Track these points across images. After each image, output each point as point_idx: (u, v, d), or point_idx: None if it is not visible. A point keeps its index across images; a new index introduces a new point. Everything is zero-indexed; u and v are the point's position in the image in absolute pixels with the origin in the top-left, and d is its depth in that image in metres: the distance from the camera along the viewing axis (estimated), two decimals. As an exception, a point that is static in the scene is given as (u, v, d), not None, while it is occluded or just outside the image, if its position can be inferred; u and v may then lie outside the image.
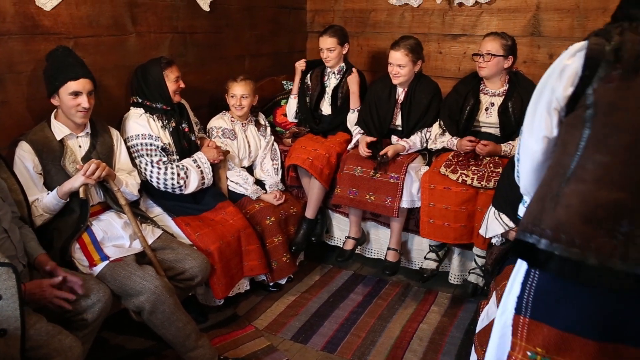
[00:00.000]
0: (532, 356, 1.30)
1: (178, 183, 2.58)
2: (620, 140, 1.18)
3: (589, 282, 1.20)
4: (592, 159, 1.21)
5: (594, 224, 1.19)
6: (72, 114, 2.22)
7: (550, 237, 1.23)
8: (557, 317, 1.26)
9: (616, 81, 1.18)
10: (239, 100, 2.99)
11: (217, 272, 2.52)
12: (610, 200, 1.18)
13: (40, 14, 2.34)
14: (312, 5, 4.20)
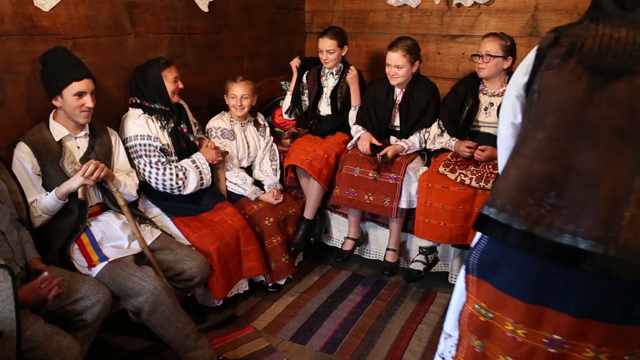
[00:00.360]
0: (478, 309, 1.45)
1: (177, 184, 2.58)
2: (553, 119, 1.30)
3: (515, 245, 1.31)
4: (533, 137, 1.33)
5: (526, 193, 1.30)
6: (76, 114, 2.22)
7: (489, 202, 1.37)
8: (496, 277, 1.40)
9: (555, 67, 1.32)
10: (240, 101, 2.99)
11: (215, 272, 2.52)
12: (541, 171, 1.29)
13: (38, 14, 2.34)
14: (310, 6, 4.20)
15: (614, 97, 1.23)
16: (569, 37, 1.32)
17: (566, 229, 1.25)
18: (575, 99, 1.27)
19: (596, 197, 1.22)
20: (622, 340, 1.28)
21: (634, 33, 1.23)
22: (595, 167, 1.24)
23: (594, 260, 1.21)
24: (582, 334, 1.29)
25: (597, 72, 1.25)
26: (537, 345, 1.35)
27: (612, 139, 1.23)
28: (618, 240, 1.20)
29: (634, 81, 1.20)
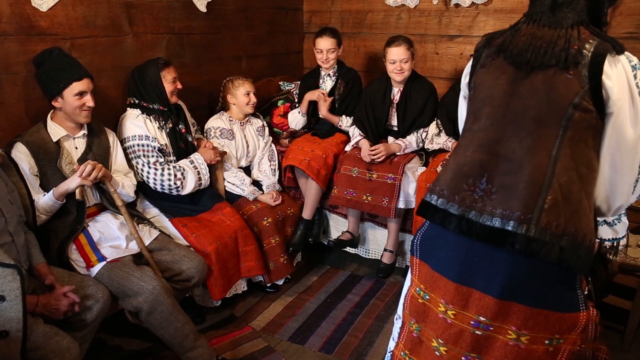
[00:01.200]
0: (418, 291, 1.54)
1: (175, 184, 2.58)
2: (485, 111, 1.41)
3: (452, 229, 1.40)
4: (470, 129, 1.45)
5: (460, 179, 1.40)
6: (76, 114, 2.22)
7: (430, 189, 1.49)
8: (433, 258, 1.49)
9: (487, 65, 1.44)
10: (253, 97, 3.04)
11: (214, 273, 2.52)
12: (474, 159, 1.39)
13: (36, 14, 2.33)
14: (308, 6, 4.20)
15: (533, 89, 1.33)
16: (500, 39, 1.44)
17: (496, 213, 1.33)
18: (501, 91, 1.38)
19: (520, 182, 1.31)
20: (541, 324, 1.35)
21: (552, 32, 1.34)
22: (519, 153, 1.33)
23: (514, 239, 1.29)
24: (504, 316, 1.37)
25: (518, 66, 1.36)
26: (465, 327, 1.42)
27: (533, 127, 1.32)
28: (539, 222, 1.28)
29: (548, 73, 1.31)
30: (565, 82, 1.29)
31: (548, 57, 1.30)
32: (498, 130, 1.37)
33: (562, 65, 1.29)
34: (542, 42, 1.33)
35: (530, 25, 1.39)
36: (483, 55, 1.47)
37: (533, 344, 1.37)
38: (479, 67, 1.47)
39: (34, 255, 2.01)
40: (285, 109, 3.58)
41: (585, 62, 1.28)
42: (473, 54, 1.53)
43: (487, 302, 1.37)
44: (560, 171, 1.30)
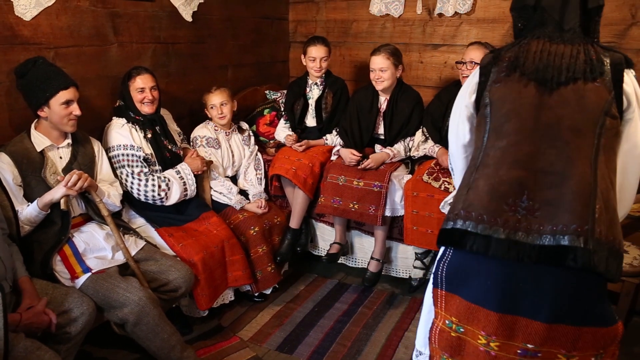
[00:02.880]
0: (449, 324, 1.45)
1: (159, 195, 2.56)
2: (510, 126, 1.36)
3: (498, 255, 1.31)
4: (494, 146, 1.38)
5: (499, 200, 1.33)
6: (63, 123, 2.21)
7: (463, 216, 1.37)
8: (466, 289, 1.40)
9: (503, 80, 1.41)
10: (220, 109, 2.99)
11: (201, 282, 2.50)
12: (510, 177, 1.33)
13: (19, 23, 2.31)
14: (294, 16, 4.23)
15: (563, 99, 1.32)
16: (509, 53, 1.43)
17: (545, 230, 1.28)
18: (527, 104, 1.35)
19: (565, 194, 1.27)
20: (589, 342, 1.32)
21: (568, 47, 1.36)
22: (559, 165, 1.30)
23: (575, 254, 1.24)
24: (553, 340, 1.33)
25: (541, 82, 1.35)
26: (512, 357, 1.37)
27: (570, 137, 1.30)
28: (594, 233, 1.24)
29: (576, 85, 1.32)
30: (595, 91, 1.31)
31: (573, 71, 1.31)
32: (531, 143, 1.33)
33: (589, 75, 1.31)
34: (563, 58, 1.34)
35: (540, 40, 1.39)
36: (493, 71, 1.44)
37: None
38: (491, 83, 1.44)
39: (17, 268, 1.97)
40: (271, 118, 3.59)
41: (608, 71, 1.32)
42: (480, 71, 1.49)
43: (535, 328, 1.33)
44: (600, 179, 1.28)
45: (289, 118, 3.36)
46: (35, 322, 1.81)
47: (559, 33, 1.39)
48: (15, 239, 2.06)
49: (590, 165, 1.28)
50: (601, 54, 1.35)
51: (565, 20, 1.39)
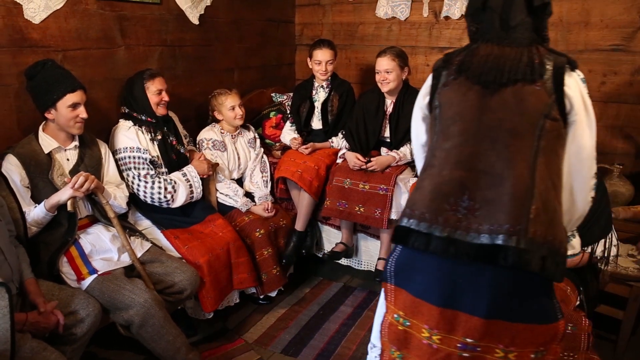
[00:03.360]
0: (397, 318, 1.51)
1: (165, 197, 2.57)
2: (455, 128, 1.40)
3: (437, 252, 1.36)
4: (440, 147, 1.43)
5: (441, 200, 1.37)
6: (70, 125, 2.22)
7: (408, 214, 1.43)
8: (412, 284, 1.46)
9: (450, 84, 1.45)
10: (240, 109, 3.02)
11: (206, 285, 2.50)
12: (452, 177, 1.37)
13: (28, 26, 2.33)
14: (300, 19, 4.24)
15: (504, 102, 1.35)
16: (459, 57, 1.46)
17: (483, 229, 1.32)
18: (471, 107, 1.39)
19: (503, 194, 1.31)
20: (528, 338, 1.35)
21: (514, 50, 1.38)
22: (499, 167, 1.33)
23: (507, 253, 1.27)
24: (491, 335, 1.36)
25: (485, 85, 1.37)
26: (452, 351, 1.40)
27: (509, 139, 1.33)
28: (527, 233, 1.28)
29: (516, 87, 1.34)
30: (535, 94, 1.33)
31: (514, 73, 1.34)
32: (473, 145, 1.37)
33: (529, 78, 1.34)
34: (506, 60, 1.37)
35: (488, 44, 1.42)
36: (443, 74, 1.48)
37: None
38: (441, 86, 1.48)
39: (23, 270, 1.98)
40: (277, 121, 3.59)
41: (549, 74, 1.34)
42: (433, 74, 1.53)
43: (474, 323, 1.36)
44: (538, 180, 1.32)
45: (295, 121, 3.37)
46: (42, 322, 1.82)
47: (506, 32, 1.41)
48: (22, 240, 2.07)
49: (529, 167, 1.32)
50: (545, 57, 1.37)
51: (511, 18, 1.40)
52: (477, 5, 1.47)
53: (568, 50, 3.13)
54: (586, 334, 1.83)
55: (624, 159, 2.91)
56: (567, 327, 1.75)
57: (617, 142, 3.06)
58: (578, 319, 1.83)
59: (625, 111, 3.01)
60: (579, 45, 3.10)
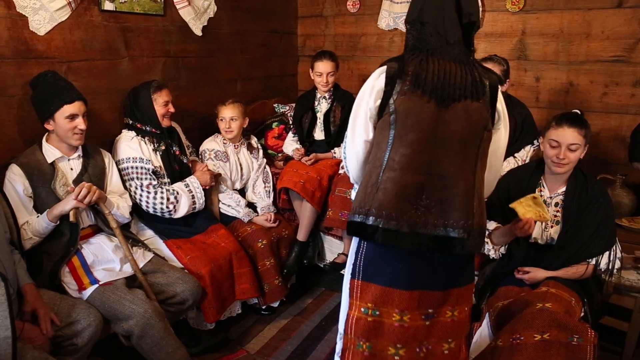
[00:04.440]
0: (365, 311, 1.66)
1: (167, 207, 2.57)
2: (414, 136, 1.57)
3: (404, 245, 1.56)
4: (398, 152, 1.58)
5: (405, 201, 1.56)
6: (68, 136, 2.23)
7: (375, 214, 1.58)
8: (380, 276, 1.65)
9: (407, 94, 1.58)
10: (228, 123, 3.00)
11: (208, 295, 2.49)
12: (414, 181, 1.56)
13: (33, 38, 2.36)
14: (303, 30, 4.27)
15: (456, 116, 1.56)
16: (411, 67, 1.58)
17: (438, 224, 1.56)
18: (428, 119, 1.57)
19: (456, 194, 1.56)
20: (465, 296, 1.71)
21: (458, 67, 1.58)
22: (451, 171, 1.56)
23: (462, 244, 1.55)
24: (444, 302, 1.67)
25: (439, 100, 1.56)
26: (418, 324, 1.66)
27: (459, 148, 1.57)
28: (473, 225, 1.56)
29: (466, 103, 1.56)
30: (478, 110, 1.58)
31: (463, 91, 1.56)
32: (430, 152, 1.56)
33: (476, 96, 1.57)
34: (455, 77, 1.57)
35: (434, 58, 1.59)
36: (397, 82, 1.59)
37: (461, 314, 1.71)
38: (396, 93, 1.59)
39: (20, 275, 1.97)
40: (279, 131, 3.61)
41: (487, 92, 1.59)
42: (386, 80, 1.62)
43: (435, 296, 1.65)
44: (477, 181, 1.60)
45: (297, 131, 3.38)
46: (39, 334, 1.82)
47: (447, 47, 1.59)
48: (16, 246, 2.07)
49: (472, 170, 1.58)
50: (483, 76, 1.60)
51: (450, 35, 1.59)
52: (414, 17, 1.64)
53: (569, 61, 3.15)
54: (592, 346, 1.81)
55: (626, 170, 2.90)
56: (573, 339, 1.79)
57: (619, 152, 3.06)
58: (583, 331, 1.82)
59: (627, 122, 3.02)
60: (580, 57, 3.11)
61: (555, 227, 2.23)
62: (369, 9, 3.87)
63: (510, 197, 2.30)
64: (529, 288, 2.19)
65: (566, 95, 3.22)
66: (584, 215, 2.16)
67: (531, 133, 2.82)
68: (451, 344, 1.71)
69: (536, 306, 1.93)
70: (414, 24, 1.65)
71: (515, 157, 2.81)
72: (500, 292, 2.23)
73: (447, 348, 1.70)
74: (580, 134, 2.10)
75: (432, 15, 1.60)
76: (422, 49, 1.61)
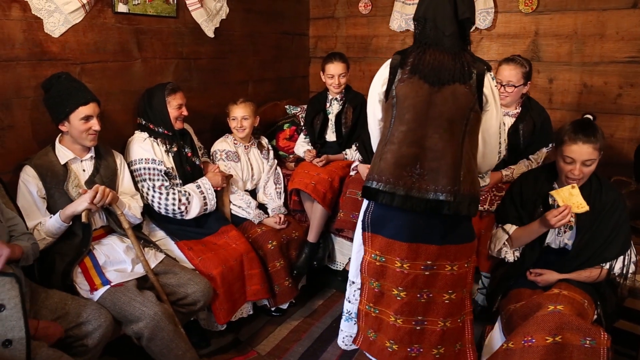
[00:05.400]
0: (374, 257, 2.02)
1: (179, 209, 2.59)
2: (410, 116, 1.87)
3: (399, 206, 1.87)
4: (398, 129, 1.90)
5: (400, 168, 1.87)
6: (83, 137, 2.25)
7: (377, 179, 1.92)
8: (385, 230, 1.98)
9: (406, 81, 1.90)
10: (240, 122, 3.02)
11: (219, 296, 2.50)
12: (409, 153, 1.86)
13: (48, 40, 2.38)
14: (314, 32, 4.27)
15: (445, 99, 1.84)
16: (410, 59, 1.90)
17: (429, 189, 1.85)
18: (421, 101, 1.86)
19: (443, 165, 1.83)
20: (463, 253, 1.96)
21: (449, 56, 1.86)
22: (440, 145, 1.84)
23: (449, 206, 1.83)
24: (442, 256, 1.93)
25: (432, 83, 1.85)
26: (418, 272, 1.94)
27: (447, 126, 1.84)
28: (460, 190, 1.83)
29: (454, 87, 1.84)
30: (465, 94, 1.84)
31: (452, 76, 1.84)
32: (423, 129, 1.86)
33: (462, 80, 1.84)
34: (447, 65, 1.84)
35: (430, 49, 1.88)
36: (399, 71, 1.92)
37: (460, 269, 1.97)
38: (397, 81, 1.92)
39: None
40: (290, 132, 3.61)
41: (474, 79, 1.85)
42: (390, 70, 1.95)
43: (431, 250, 1.92)
44: (465, 154, 1.86)
45: (308, 133, 3.37)
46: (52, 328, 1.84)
47: (442, 39, 1.88)
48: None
49: (459, 145, 1.85)
50: (471, 64, 1.86)
51: (446, 29, 1.87)
52: (420, 15, 1.94)
53: (583, 62, 3.11)
54: (605, 349, 1.79)
55: (642, 172, 2.86)
56: (586, 342, 1.75)
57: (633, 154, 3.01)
58: (596, 333, 1.80)
59: (643, 123, 2.98)
60: (594, 57, 3.07)
61: (568, 233, 2.21)
62: (381, 10, 3.86)
63: (522, 201, 2.29)
64: (541, 290, 2.17)
65: (580, 96, 3.18)
66: (598, 221, 2.13)
67: (548, 136, 2.79)
68: (452, 295, 1.98)
69: (548, 308, 1.92)
70: (420, 20, 1.93)
71: (529, 159, 2.78)
72: (512, 295, 2.21)
73: (448, 298, 1.98)
74: (595, 148, 2.09)
75: (432, 12, 1.89)
76: (423, 41, 1.92)
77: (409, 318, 1.98)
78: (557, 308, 1.91)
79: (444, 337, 2.00)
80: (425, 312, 1.98)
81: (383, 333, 2.05)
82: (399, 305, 1.98)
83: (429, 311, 1.98)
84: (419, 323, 1.98)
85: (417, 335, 1.99)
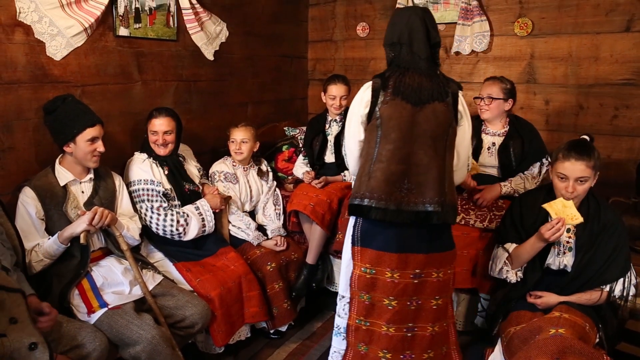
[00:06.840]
0: (364, 270, 2.10)
1: (177, 230, 2.58)
2: (395, 135, 1.99)
3: (392, 219, 1.99)
4: (384, 148, 2.00)
5: (390, 185, 1.98)
6: (87, 159, 2.27)
7: (368, 196, 2.01)
8: (374, 243, 2.07)
9: (389, 102, 2.00)
10: (239, 145, 3.04)
11: (217, 319, 2.48)
12: (397, 169, 1.98)
13: (50, 63, 2.41)
14: (313, 54, 4.33)
15: (426, 117, 1.98)
16: (391, 81, 2.01)
17: (418, 202, 1.97)
18: (405, 121, 1.98)
19: (429, 179, 1.97)
20: (447, 261, 2.11)
21: (426, 78, 2.00)
22: (425, 161, 1.98)
23: (437, 215, 1.96)
24: (429, 264, 2.06)
25: (414, 103, 1.98)
26: (407, 281, 2.05)
27: (431, 142, 1.99)
28: (445, 201, 1.98)
29: (434, 105, 1.98)
30: (444, 111, 2.00)
31: (432, 96, 1.98)
32: (408, 147, 1.98)
33: (441, 99, 1.99)
34: (426, 86, 1.98)
35: (410, 72, 2.01)
36: (381, 94, 2.02)
37: (445, 276, 2.10)
38: (380, 103, 2.01)
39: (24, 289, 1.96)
40: (289, 154, 3.62)
41: (450, 97, 2.01)
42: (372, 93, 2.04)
43: (419, 259, 2.04)
44: (447, 168, 2.02)
45: (307, 154, 3.39)
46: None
47: (419, 62, 2.02)
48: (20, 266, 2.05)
49: (442, 160, 2.00)
50: (446, 85, 2.02)
51: (421, 53, 2.01)
52: (393, 40, 2.06)
53: (579, 84, 3.15)
54: (606, 372, 1.77)
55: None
56: None
57: (631, 175, 3.02)
58: (599, 357, 1.78)
59: (639, 145, 3.00)
60: (589, 80, 3.11)
61: (567, 254, 2.20)
62: (379, 33, 3.92)
63: (523, 222, 2.29)
64: (541, 313, 2.16)
65: (576, 118, 3.21)
66: (597, 243, 2.14)
67: (539, 150, 2.82)
68: (438, 300, 2.11)
69: (550, 332, 1.90)
70: (394, 45, 2.06)
71: (524, 175, 2.81)
72: (513, 317, 2.20)
73: (435, 304, 2.11)
74: (588, 166, 2.09)
75: (407, 37, 2.02)
76: (400, 65, 2.04)
77: (400, 326, 2.09)
78: (558, 331, 1.89)
79: (433, 341, 2.13)
80: (415, 319, 2.10)
81: (375, 344, 2.13)
82: (390, 314, 2.08)
83: (419, 317, 2.10)
84: (410, 330, 2.10)
85: (408, 341, 2.11)
